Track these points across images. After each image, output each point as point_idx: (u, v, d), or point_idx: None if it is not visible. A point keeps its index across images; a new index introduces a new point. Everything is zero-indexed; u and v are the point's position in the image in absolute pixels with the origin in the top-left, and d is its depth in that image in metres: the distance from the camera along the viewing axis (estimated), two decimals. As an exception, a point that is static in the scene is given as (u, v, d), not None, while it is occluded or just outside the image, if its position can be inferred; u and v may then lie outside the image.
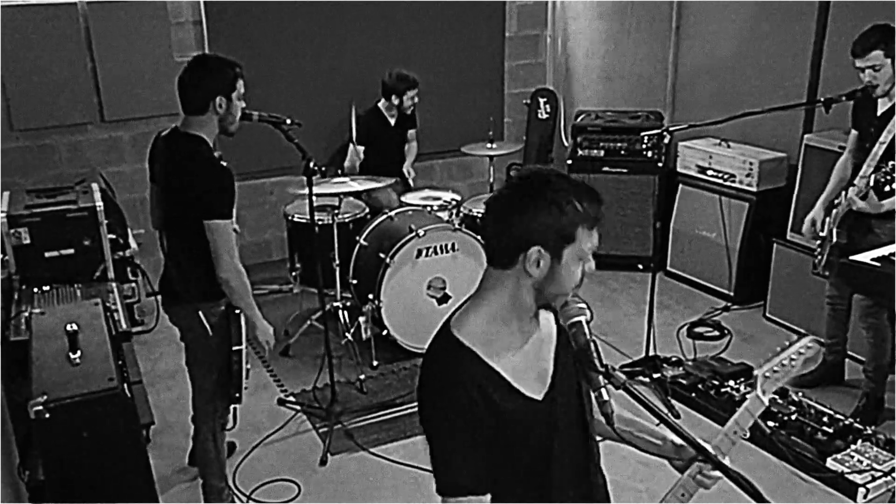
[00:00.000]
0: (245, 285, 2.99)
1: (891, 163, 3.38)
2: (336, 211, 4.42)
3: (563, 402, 1.66)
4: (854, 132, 3.85)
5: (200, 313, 2.99)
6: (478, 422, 1.54)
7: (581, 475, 1.74)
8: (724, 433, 1.72)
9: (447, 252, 4.48)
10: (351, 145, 5.19)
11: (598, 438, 1.80)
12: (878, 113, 3.63)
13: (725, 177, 5.05)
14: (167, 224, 3.06)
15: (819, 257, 3.86)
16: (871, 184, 3.45)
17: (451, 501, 1.56)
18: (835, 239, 3.71)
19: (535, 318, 1.66)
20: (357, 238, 4.58)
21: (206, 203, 2.86)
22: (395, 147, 5.49)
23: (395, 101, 5.25)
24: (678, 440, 1.74)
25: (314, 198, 3.65)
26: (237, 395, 3.13)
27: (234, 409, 3.34)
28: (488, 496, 1.58)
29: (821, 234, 3.85)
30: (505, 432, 1.57)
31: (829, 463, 3.39)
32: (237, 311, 3.05)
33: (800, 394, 3.85)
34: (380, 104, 5.30)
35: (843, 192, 3.71)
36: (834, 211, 3.75)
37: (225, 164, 2.95)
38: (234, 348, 3.04)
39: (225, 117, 2.94)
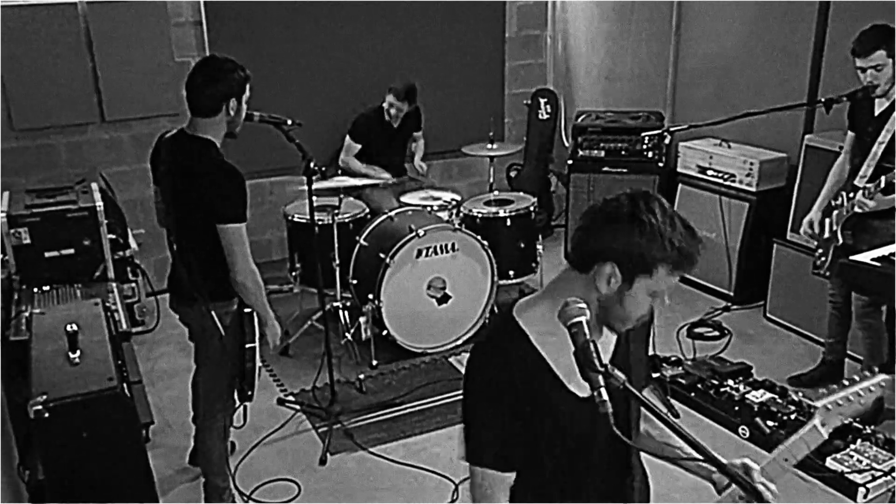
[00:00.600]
0: (260, 286, 3.01)
1: None
2: (336, 211, 4.42)
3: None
4: (851, 134, 3.86)
5: (213, 313, 2.99)
6: (516, 405, 1.56)
7: (617, 479, 1.76)
8: (775, 458, 1.67)
9: (447, 252, 4.48)
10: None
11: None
12: (876, 113, 3.63)
13: (726, 177, 5.05)
14: (176, 226, 3.04)
15: (822, 259, 3.84)
16: (883, 185, 3.44)
17: (474, 469, 1.61)
18: (841, 240, 3.69)
19: (596, 325, 1.65)
20: (357, 238, 4.58)
21: (219, 207, 2.86)
22: (396, 148, 5.49)
23: (384, 103, 5.25)
24: (722, 460, 1.72)
25: (314, 197, 3.65)
26: (250, 392, 3.14)
27: (245, 407, 3.35)
28: (511, 475, 1.61)
29: (824, 236, 3.83)
30: (546, 423, 1.59)
31: (829, 462, 3.39)
32: (248, 310, 3.05)
33: (800, 394, 3.85)
34: (384, 104, 5.30)
35: (843, 194, 3.70)
36: (835, 212, 3.75)
37: (235, 166, 2.93)
38: (248, 346, 3.05)
39: (233, 119, 2.94)
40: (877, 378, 1.68)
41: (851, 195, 3.65)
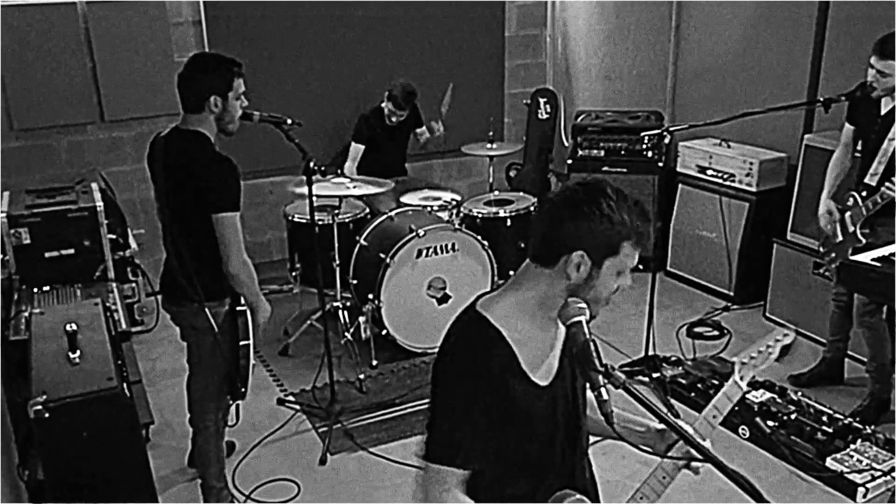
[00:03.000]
0: (253, 278, 3.02)
1: None
2: (336, 211, 4.42)
3: (562, 395, 1.72)
4: (849, 127, 3.84)
5: (207, 312, 3.00)
6: (491, 403, 1.59)
7: (571, 469, 1.79)
8: (704, 417, 1.82)
9: (447, 252, 4.48)
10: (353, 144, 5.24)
11: (596, 439, 1.84)
12: (882, 111, 3.62)
13: (725, 177, 5.05)
14: (171, 224, 3.05)
15: (838, 261, 3.78)
16: None
17: (433, 467, 1.62)
18: (863, 241, 3.64)
19: (556, 319, 1.70)
20: (357, 238, 4.58)
21: (213, 197, 2.87)
22: (395, 148, 5.49)
23: (383, 104, 5.25)
24: (657, 426, 1.82)
25: (314, 198, 3.65)
26: (243, 390, 3.14)
27: (238, 405, 3.34)
28: (466, 472, 1.63)
29: (836, 240, 3.81)
30: (517, 415, 1.63)
31: (829, 462, 3.39)
32: (241, 308, 3.06)
33: (799, 393, 3.85)
34: (383, 104, 5.31)
35: (855, 195, 3.67)
36: (848, 214, 3.71)
37: (228, 156, 2.94)
38: (241, 343, 3.06)
39: (222, 116, 2.94)
40: (780, 330, 1.87)
41: (864, 194, 3.63)
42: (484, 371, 1.59)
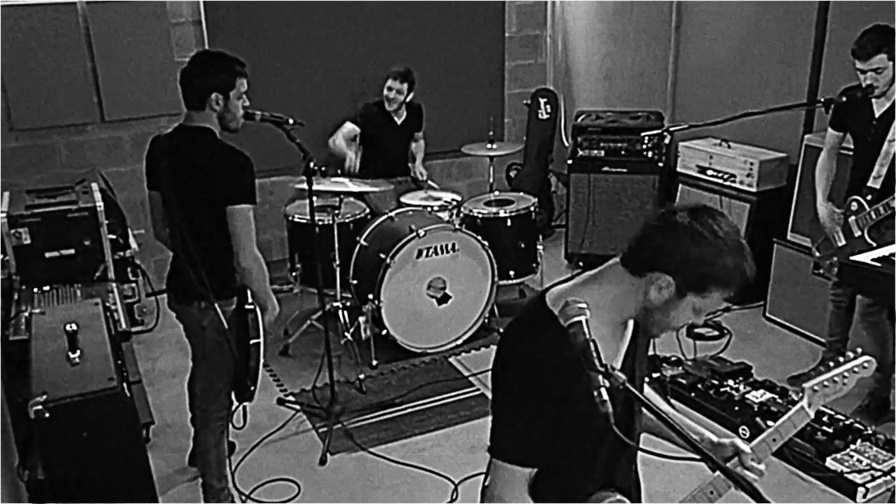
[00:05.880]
0: (265, 273, 3.02)
1: None
2: (336, 211, 4.42)
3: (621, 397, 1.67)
4: (834, 133, 3.83)
5: (218, 309, 3.00)
6: (557, 401, 1.56)
7: (613, 469, 1.78)
8: (763, 439, 1.75)
9: (447, 252, 4.48)
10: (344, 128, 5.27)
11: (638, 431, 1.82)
12: (876, 114, 3.61)
13: (726, 177, 5.05)
14: (182, 222, 3.02)
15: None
16: None
17: (500, 464, 1.62)
18: (874, 244, 3.58)
19: (625, 324, 1.69)
20: (357, 238, 4.58)
21: (226, 190, 2.87)
22: (397, 144, 5.48)
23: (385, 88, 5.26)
24: (714, 438, 1.79)
25: (315, 198, 3.65)
26: (252, 389, 3.12)
27: (244, 407, 3.34)
28: (533, 470, 1.62)
29: (838, 244, 3.81)
30: (577, 411, 1.58)
31: (829, 462, 3.39)
32: (249, 307, 3.05)
33: (799, 394, 3.85)
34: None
35: (860, 200, 3.64)
36: (852, 219, 3.70)
37: (238, 148, 2.94)
38: (252, 342, 3.05)
39: (223, 115, 2.95)
40: (858, 360, 1.78)
41: (869, 198, 3.61)
42: (552, 377, 1.55)
